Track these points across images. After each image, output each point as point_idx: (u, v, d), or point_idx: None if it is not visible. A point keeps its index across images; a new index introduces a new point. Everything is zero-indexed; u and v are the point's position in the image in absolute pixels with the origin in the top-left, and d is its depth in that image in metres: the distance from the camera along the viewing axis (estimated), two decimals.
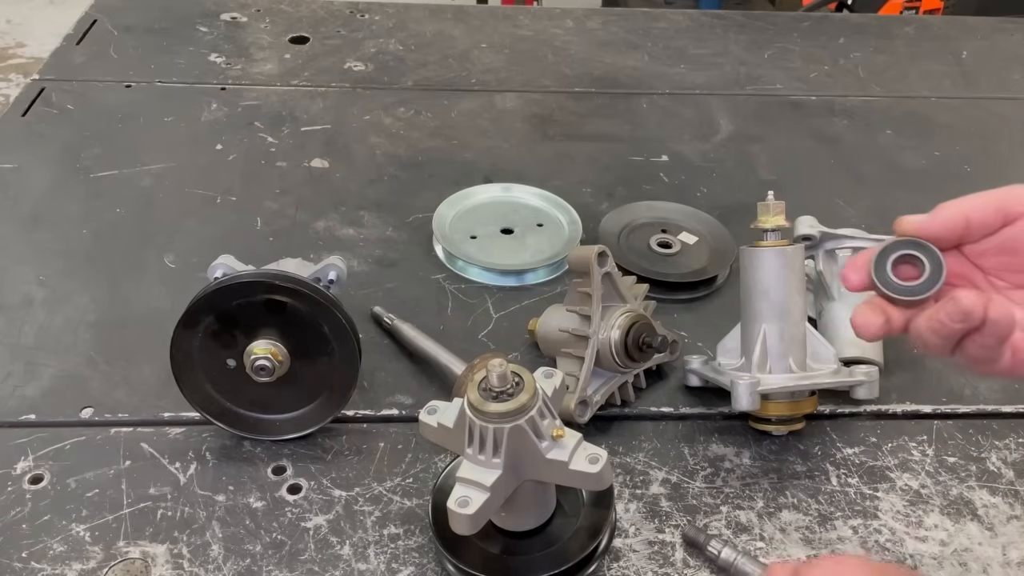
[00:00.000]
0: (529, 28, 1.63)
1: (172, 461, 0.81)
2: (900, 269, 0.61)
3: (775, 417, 0.83)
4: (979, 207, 0.60)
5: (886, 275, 0.61)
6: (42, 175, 1.18)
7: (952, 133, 1.37)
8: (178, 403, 0.81)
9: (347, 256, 1.05)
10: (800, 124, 1.38)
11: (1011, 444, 0.86)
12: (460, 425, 0.67)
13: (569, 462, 0.65)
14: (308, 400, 0.82)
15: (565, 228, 1.10)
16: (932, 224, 0.61)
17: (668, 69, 1.52)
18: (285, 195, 1.16)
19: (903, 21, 2.07)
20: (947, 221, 0.60)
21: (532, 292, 1.03)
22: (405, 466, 0.81)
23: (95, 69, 1.41)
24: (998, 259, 0.61)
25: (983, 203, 0.60)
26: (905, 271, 0.61)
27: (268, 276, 0.78)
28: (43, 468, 0.79)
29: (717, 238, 1.09)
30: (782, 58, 1.57)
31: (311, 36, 1.56)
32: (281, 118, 1.32)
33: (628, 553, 0.75)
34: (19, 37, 3.69)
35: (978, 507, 0.80)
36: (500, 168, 1.24)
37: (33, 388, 0.87)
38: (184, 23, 1.56)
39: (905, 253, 0.61)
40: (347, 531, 0.76)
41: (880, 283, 0.61)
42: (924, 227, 0.61)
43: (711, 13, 1.79)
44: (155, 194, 1.15)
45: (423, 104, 1.38)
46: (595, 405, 0.84)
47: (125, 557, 0.73)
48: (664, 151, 1.30)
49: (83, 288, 1.00)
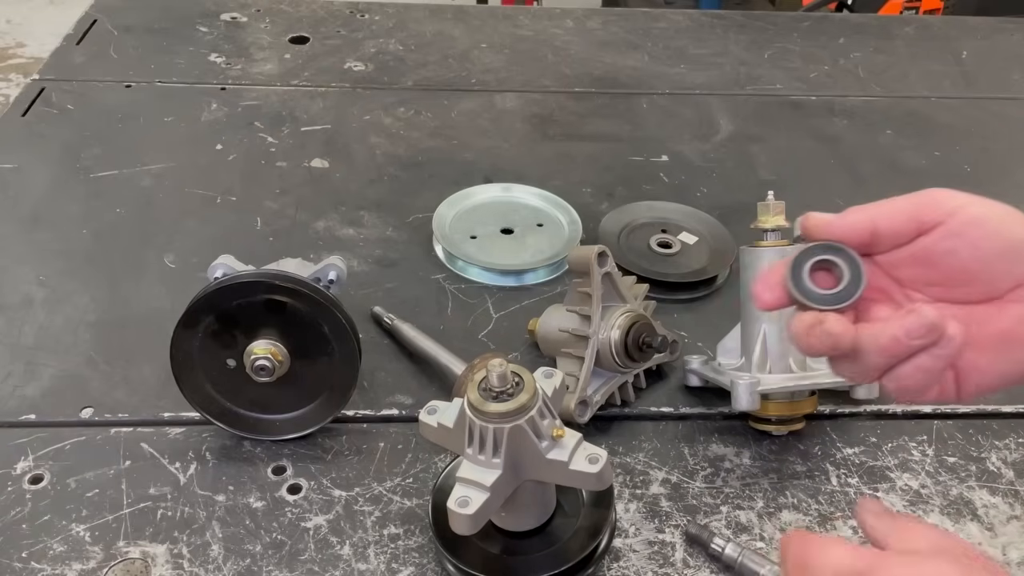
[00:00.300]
0: (529, 28, 1.63)
1: (172, 461, 0.81)
2: (816, 277, 0.56)
3: (775, 417, 0.83)
4: (889, 215, 0.56)
5: (805, 285, 0.56)
6: (42, 175, 1.18)
7: (952, 133, 1.37)
8: (178, 403, 0.81)
9: (347, 256, 1.05)
10: (800, 124, 1.38)
11: (1011, 444, 0.86)
12: (460, 425, 0.67)
13: (569, 462, 0.65)
14: (308, 400, 0.82)
15: (565, 228, 1.10)
16: (835, 225, 0.56)
17: (668, 69, 1.52)
18: (285, 195, 1.16)
19: (903, 21, 2.07)
20: (854, 225, 0.56)
21: (532, 292, 1.03)
22: (405, 466, 0.81)
23: (95, 69, 1.41)
24: (913, 271, 0.56)
25: (894, 211, 0.56)
26: (821, 279, 0.56)
27: (268, 276, 0.78)
28: (43, 468, 0.79)
29: (717, 238, 1.09)
30: (782, 58, 1.57)
31: (311, 36, 1.56)
32: (281, 118, 1.32)
33: (628, 553, 0.75)
34: (19, 37, 3.69)
35: (978, 507, 0.80)
36: (500, 168, 1.24)
37: (33, 388, 0.87)
38: (184, 23, 1.56)
39: (821, 259, 0.56)
40: (347, 531, 0.76)
41: (800, 293, 0.55)
42: (826, 227, 0.56)
43: (711, 13, 1.79)
44: (155, 194, 1.15)
45: (423, 104, 1.38)
46: (595, 405, 0.84)
47: (125, 557, 0.73)
48: (664, 151, 1.30)
49: (83, 288, 1.00)
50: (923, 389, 0.55)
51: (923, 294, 0.57)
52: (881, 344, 0.53)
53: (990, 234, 0.54)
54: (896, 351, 0.53)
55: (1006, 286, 0.55)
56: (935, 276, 0.56)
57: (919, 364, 0.53)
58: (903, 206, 0.56)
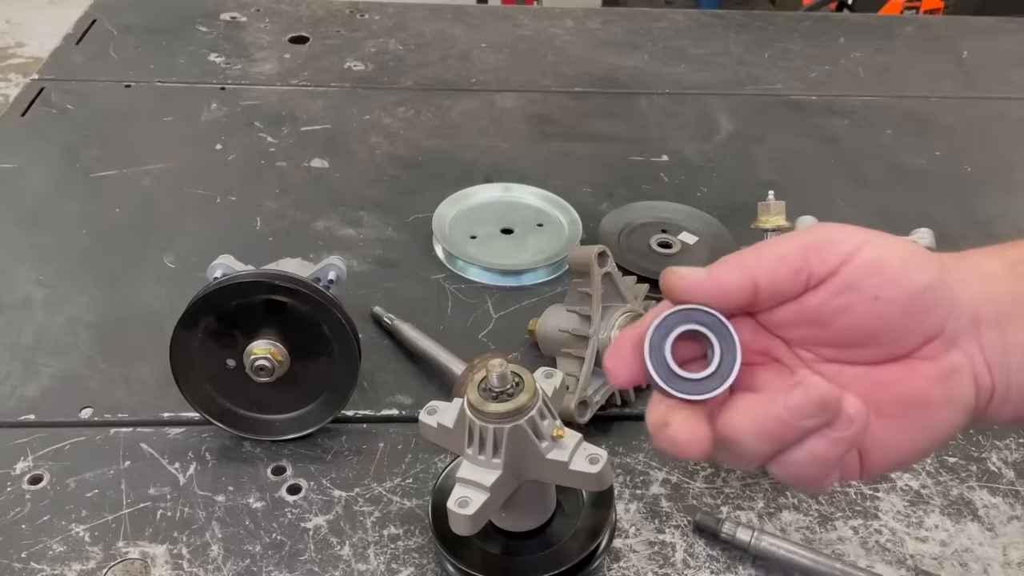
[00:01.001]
0: (529, 28, 1.63)
1: (172, 461, 0.81)
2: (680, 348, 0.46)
3: None
4: (771, 269, 0.46)
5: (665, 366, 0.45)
6: (41, 175, 1.18)
7: (953, 133, 1.37)
8: (177, 403, 0.81)
9: (347, 256, 1.05)
10: (800, 124, 1.38)
11: (1011, 444, 0.86)
12: (460, 425, 0.66)
13: (569, 462, 0.65)
14: (308, 400, 0.82)
15: (565, 228, 1.10)
16: (705, 286, 0.46)
17: (668, 69, 1.52)
18: (285, 195, 1.16)
19: (903, 21, 2.07)
20: (727, 286, 0.46)
21: (532, 292, 1.03)
22: (405, 466, 0.81)
23: (95, 69, 1.41)
24: (803, 331, 0.47)
25: (777, 262, 0.46)
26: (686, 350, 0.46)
27: (268, 276, 0.78)
28: (42, 468, 0.79)
29: (717, 238, 1.08)
30: (782, 58, 1.57)
31: (311, 36, 1.56)
32: (281, 118, 1.32)
33: (628, 553, 0.75)
34: (18, 37, 3.69)
35: (979, 507, 0.80)
36: (500, 168, 1.24)
37: (32, 388, 0.87)
38: (184, 23, 1.56)
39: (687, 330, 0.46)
40: (347, 531, 0.75)
41: (659, 377, 0.45)
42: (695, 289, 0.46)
43: (711, 13, 1.79)
44: (155, 194, 1.15)
45: (423, 104, 1.38)
46: (595, 405, 0.84)
47: (125, 557, 0.73)
48: (664, 151, 1.30)
49: (82, 288, 1.00)
50: (821, 478, 0.45)
51: (814, 354, 0.48)
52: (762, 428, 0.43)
53: (890, 283, 0.45)
54: (782, 435, 0.43)
55: (913, 343, 0.46)
56: (828, 337, 0.47)
57: (813, 451, 0.43)
58: (789, 253, 0.46)
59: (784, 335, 0.48)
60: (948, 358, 0.46)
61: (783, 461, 0.45)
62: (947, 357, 0.46)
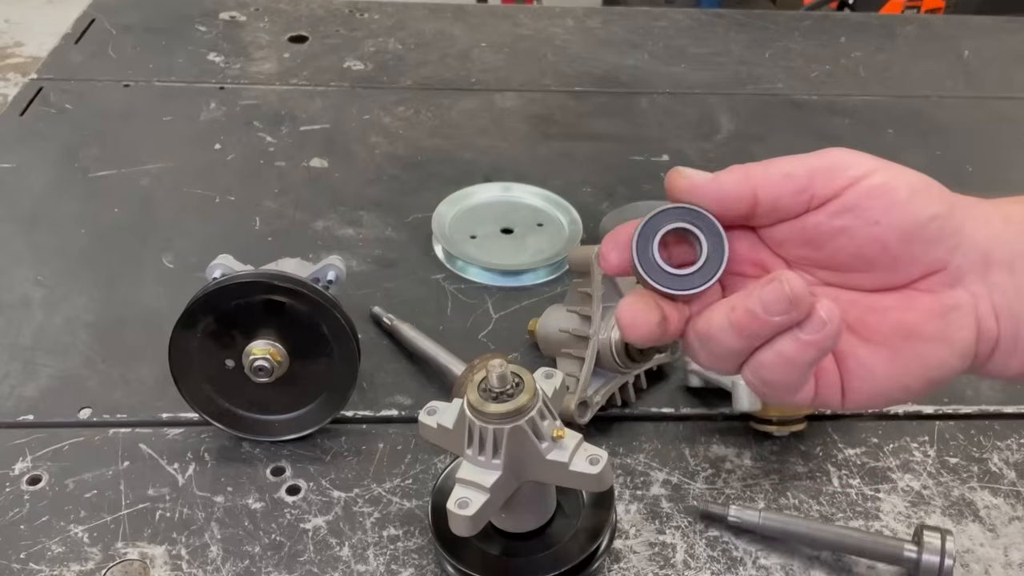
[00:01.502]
0: (529, 27, 1.63)
1: (170, 462, 0.81)
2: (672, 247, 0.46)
3: (776, 418, 0.83)
4: (775, 183, 0.45)
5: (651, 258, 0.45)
6: (40, 175, 1.17)
7: (954, 133, 1.37)
8: (176, 404, 0.81)
9: (346, 256, 1.04)
10: (801, 123, 1.38)
11: (1013, 445, 0.86)
12: (460, 426, 0.66)
13: (569, 463, 0.64)
14: (307, 401, 0.82)
15: (565, 228, 1.10)
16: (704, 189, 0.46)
17: (669, 68, 1.51)
18: (284, 195, 1.16)
19: (904, 20, 2.07)
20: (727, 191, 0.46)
21: (532, 292, 1.02)
22: (404, 467, 0.81)
23: (93, 68, 1.41)
24: (800, 251, 0.46)
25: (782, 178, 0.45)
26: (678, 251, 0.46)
27: (267, 276, 0.78)
28: (41, 469, 0.79)
29: None
30: (783, 57, 1.57)
31: (310, 35, 1.55)
32: (280, 117, 1.32)
33: (628, 554, 0.74)
34: (17, 36, 3.69)
35: (980, 508, 0.80)
36: (500, 168, 1.23)
37: (31, 388, 0.87)
38: (183, 22, 1.56)
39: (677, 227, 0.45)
40: (346, 532, 0.75)
41: (643, 269, 0.45)
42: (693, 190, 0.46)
43: (712, 12, 1.79)
44: (153, 194, 1.15)
45: (423, 103, 1.38)
46: (595, 406, 0.83)
47: (123, 558, 0.72)
48: (665, 151, 1.29)
49: (81, 288, 0.99)
50: (789, 385, 0.44)
51: (814, 277, 0.47)
52: (738, 321, 0.43)
53: (892, 208, 0.44)
54: (753, 329, 0.42)
55: (914, 273, 0.45)
56: (823, 259, 0.46)
57: (782, 350, 0.42)
58: (795, 172, 0.45)
59: (783, 254, 0.47)
60: (950, 295, 0.45)
61: (753, 363, 0.44)
62: (949, 293, 0.45)
